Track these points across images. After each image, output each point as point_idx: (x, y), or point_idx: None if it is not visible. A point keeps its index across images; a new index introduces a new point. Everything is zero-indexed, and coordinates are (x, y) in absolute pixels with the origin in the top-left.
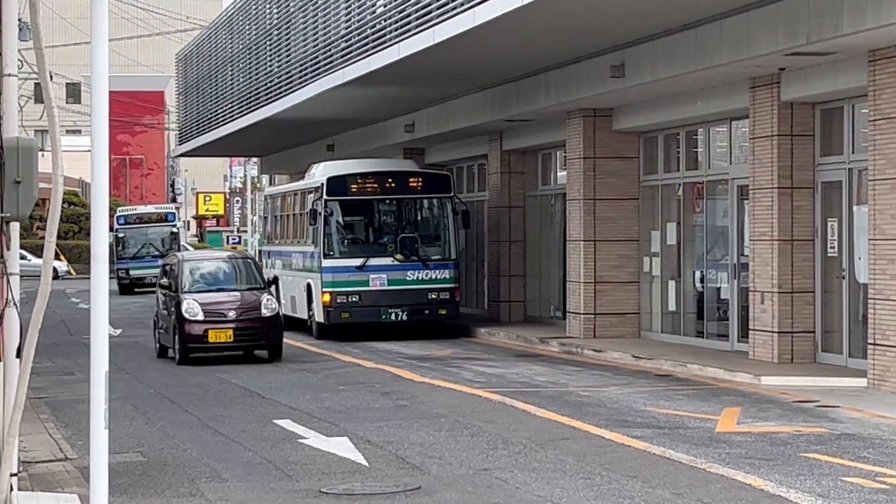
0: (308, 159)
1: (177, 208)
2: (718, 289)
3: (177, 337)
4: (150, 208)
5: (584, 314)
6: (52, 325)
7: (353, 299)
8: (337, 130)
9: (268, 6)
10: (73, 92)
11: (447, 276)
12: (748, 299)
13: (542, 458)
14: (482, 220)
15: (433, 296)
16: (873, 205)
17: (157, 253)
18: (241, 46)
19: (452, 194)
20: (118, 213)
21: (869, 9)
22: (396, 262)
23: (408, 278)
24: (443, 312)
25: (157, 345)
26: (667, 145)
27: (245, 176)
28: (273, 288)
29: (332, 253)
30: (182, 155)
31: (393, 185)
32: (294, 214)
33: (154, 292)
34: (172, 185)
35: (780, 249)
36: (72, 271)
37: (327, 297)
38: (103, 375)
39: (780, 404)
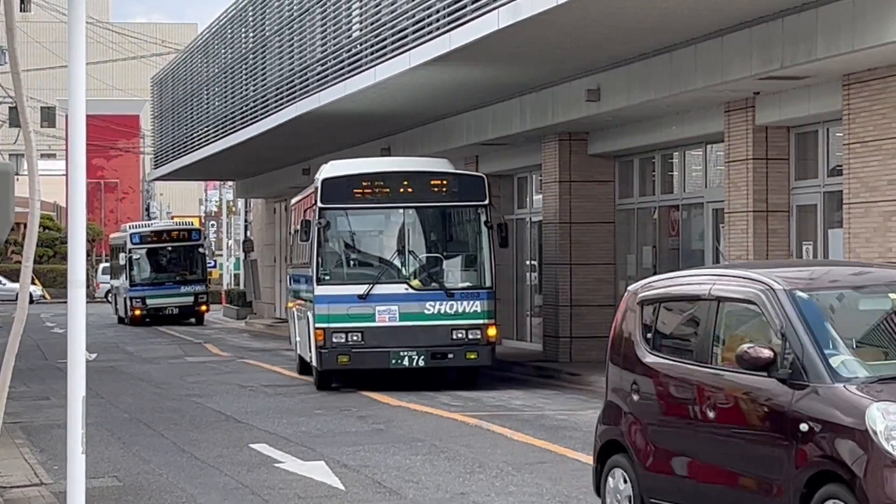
0: (284, 183)
1: None
2: None
3: None
4: (170, 224)
5: (560, 337)
6: (26, 349)
7: (354, 338)
8: (312, 154)
9: (243, 30)
10: (48, 116)
11: (478, 310)
12: None
13: (518, 482)
14: None
15: (459, 335)
16: (848, 228)
17: (180, 278)
18: (216, 70)
19: (488, 202)
20: (131, 231)
21: (843, 33)
22: (412, 291)
23: (426, 312)
24: (472, 357)
25: None
26: (642, 169)
27: (220, 200)
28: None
29: (327, 277)
30: (157, 179)
31: (409, 189)
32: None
33: (169, 319)
34: (148, 209)
35: None
36: (46, 295)
37: (320, 336)
38: (80, 400)
39: None
